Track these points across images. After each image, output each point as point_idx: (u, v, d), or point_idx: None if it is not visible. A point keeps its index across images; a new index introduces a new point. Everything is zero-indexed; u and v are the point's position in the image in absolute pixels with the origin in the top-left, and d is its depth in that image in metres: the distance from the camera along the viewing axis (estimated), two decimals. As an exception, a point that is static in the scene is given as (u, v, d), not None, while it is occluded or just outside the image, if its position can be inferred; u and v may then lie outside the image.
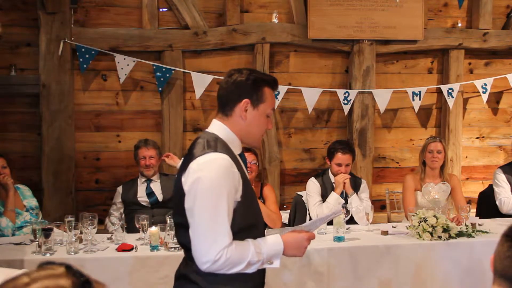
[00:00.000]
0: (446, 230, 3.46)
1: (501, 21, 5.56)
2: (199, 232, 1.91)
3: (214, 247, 1.88)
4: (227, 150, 2.01)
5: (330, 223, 3.78)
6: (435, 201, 4.03)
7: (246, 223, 2.01)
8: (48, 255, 3.15)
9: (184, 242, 2.02)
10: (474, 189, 5.49)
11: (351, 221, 4.00)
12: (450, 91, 5.24)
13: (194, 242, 1.93)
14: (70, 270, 0.97)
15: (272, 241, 2.02)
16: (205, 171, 1.92)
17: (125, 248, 3.28)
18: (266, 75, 2.20)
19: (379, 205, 5.33)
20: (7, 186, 3.87)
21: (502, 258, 1.34)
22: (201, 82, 4.85)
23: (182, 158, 4.60)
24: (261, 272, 2.10)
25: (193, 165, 1.96)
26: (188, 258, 2.02)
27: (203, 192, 1.90)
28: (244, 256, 1.93)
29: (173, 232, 3.28)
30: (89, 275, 1.00)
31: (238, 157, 2.09)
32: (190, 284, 2.01)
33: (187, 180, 1.95)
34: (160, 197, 4.29)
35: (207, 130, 2.11)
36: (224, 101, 2.09)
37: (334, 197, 4.12)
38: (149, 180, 4.34)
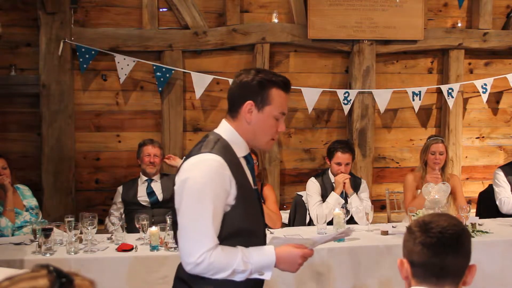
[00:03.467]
0: (446, 230, 3.45)
1: (501, 21, 5.56)
2: (183, 233, 1.90)
3: (197, 249, 1.84)
4: (226, 152, 1.96)
5: (330, 223, 3.79)
6: (435, 201, 4.02)
7: (240, 228, 1.95)
8: (48, 255, 3.15)
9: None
10: (474, 189, 5.49)
11: (351, 221, 4.00)
12: (450, 91, 5.24)
13: (179, 241, 1.92)
14: (51, 271, 0.95)
15: (264, 252, 1.95)
16: (194, 171, 1.90)
17: (125, 248, 3.28)
18: (276, 75, 2.06)
19: (379, 205, 5.33)
20: (5, 187, 3.87)
21: (406, 246, 1.56)
22: (201, 82, 4.85)
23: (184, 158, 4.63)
24: (258, 282, 2.02)
25: (185, 164, 1.96)
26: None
27: (189, 192, 1.88)
28: (229, 262, 1.87)
29: (173, 232, 3.29)
30: (75, 273, 0.98)
31: (242, 160, 2.03)
32: (184, 285, 1.98)
33: (177, 180, 1.95)
34: (160, 197, 4.29)
35: (214, 130, 2.08)
36: (231, 102, 2.05)
37: (334, 197, 4.12)
38: (149, 180, 4.35)
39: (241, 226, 1.95)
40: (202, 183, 1.87)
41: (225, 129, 2.04)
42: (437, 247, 1.48)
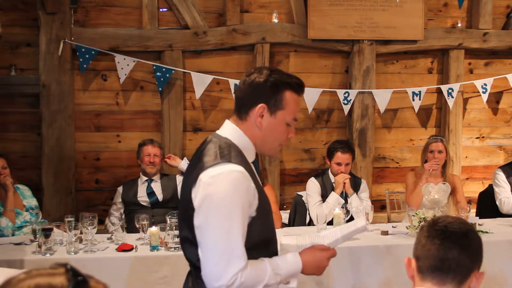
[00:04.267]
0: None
1: (501, 21, 5.56)
2: (211, 254, 1.71)
3: (228, 271, 1.68)
4: (242, 159, 1.80)
5: (330, 223, 3.79)
6: (435, 201, 4.02)
7: (262, 239, 1.84)
8: (48, 255, 3.15)
9: (192, 258, 1.84)
10: (474, 189, 5.49)
11: (351, 221, 3.99)
12: (450, 91, 5.24)
13: (205, 263, 1.72)
14: (69, 270, 0.97)
15: (291, 260, 1.85)
16: (218, 186, 1.71)
17: (125, 248, 3.28)
18: (290, 76, 1.91)
19: (379, 205, 5.33)
20: (6, 187, 3.87)
21: (415, 243, 1.58)
22: (201, 82, 4.85)
23: (185, 159, 4.60)
24: None
25: (204, 177, 1.73)
26: (197, 277, 1.83)
27: (215, 210, 1.70)
28: (260, 278, 1.75)
29: (173, 232, 3.29)
30: (90, 276, 1.00)
31: (252, 166, 1.90)
32: None
33: (197, 195, 1.74)
34: (160, 197, 4.29)
35: (218, 132, 1.90)
36: (240, 103, 1.88)
37: (334, 197, 4.12)
38: (149, 180, 4.35)
39: (263, 236, 1.85)
40: (229, 199, 1.70)
41: (233, 132, 1.87)
42: (440, 239, 1.50)
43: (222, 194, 1.70)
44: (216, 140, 1.85)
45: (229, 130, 1.88)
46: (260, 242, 1.83)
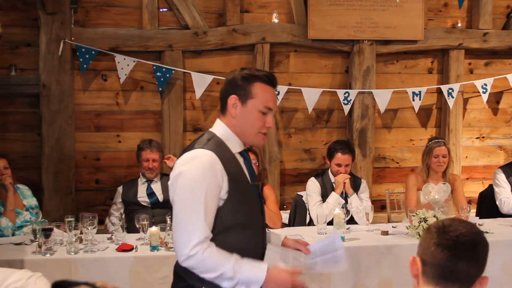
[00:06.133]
0: (446, 230, 3.45)
1: (501, 21, 5.56)
2: (177, 225, 1.94)
3: (190, 241, 1.87)
4: (219, 147, 2.00)
5: (330, 223, 3.79)
6: (435, 201, 4.02)
7: (233, 222, 1.97)
8: (48, 255, 3.15)
9: None
10: (474, 189, 5.49)
11: (351, 221, 4.00)
12: (450, 91, 5.24)
13: (174, 234, 1.96)
14: (90, 284, 1.02)
15: (257, 266, 1.94)
16: (187, 165, 1.94)
17: (125, 248, 3.28)
18: (260, 71, 2.13)
19: (379, 205, 5.33)
20: (6, 187, 3.87)
21: (421, 244, 1.55)
22: (201, 82, 4.85)
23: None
24: None
25: (178, 160, 2.00)
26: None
27: (181, 185, 1.93)
28: (220, 264, 1.88)
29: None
30: (105, 285, 1.04)
31: (238, 156, 2.07)
32: (179, 280, 2.02)
33: (171, 175, 1.99)
34: (160, 197, 4.29)
35: (209, 129, 2.12)
36: (220, 99, 2.11)
37: (334, 197, 4.12)
38: (149, 181, 4.34)
39: (234, 220, 1.97)
40: (195, 177, 1.91)
41: (217, 126, 2.09)
42: (451, 251, 1.47)
43: (189, 173, 1.92)
44: (203, 134, 2.09)
45: (216, 125, 2.11)
46: (234, 226, 1.97)
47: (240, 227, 1.99)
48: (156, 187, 4.33)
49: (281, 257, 2.10)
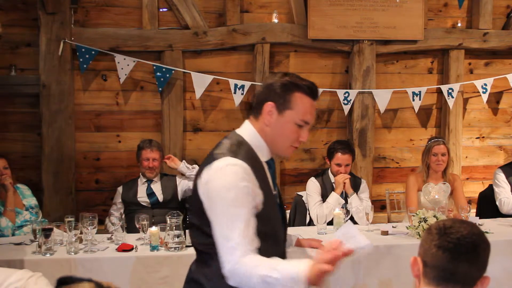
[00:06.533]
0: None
1: (501, 21, 5.56)
2: (219, 241, 1.81)
3: (233, 254, 1.76)
4: (250, 156, 1.89)
5: (330, 223, 3.80)
6: (435, 201, 4.02)
7: (260, 232, 1.85)
8: (48, 255, 3.15)
9: (196, 243, 1.94)
10: (474, 189, 5.49)
11: (351, 221, 4.00)
12: (450, 91, 5.24)
13: (218, 244, 1.82)
14: (95, 281, 1.03)
15: (294, 262, 1.80)
16: (221, 176, 1.82)
17: (125, 248, 3.28)
18: (302, 79, 1.97)
19: (379, 205, 5.33)
20: (6, 186, 3.88)
21: (422, 245, 1.54)
22: (201, 82, 4.85)
23: (184, 162, 4.60)
24: None
25: (209, 169, 1.86)
26: (199, 261, 1.95)
27: (219, 199, 1.80)
28: (258, 266, 1.75)
29: (173, 232, 3.29)
30: (109, 285, 1.06)
31: (264, 164, 1.97)
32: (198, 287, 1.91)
33: (201, 183, 1.86)
34: (160, 197, 4.29)
35: (236, 130, 2.00)
36: (256, 102, 1.98)
37: (334, 197, 4.13)
38: (149, 181, 4.34)
39: (261, 230, 1.86)
40: (232, 189, 1.79)
41: (248, 131, 1.97)
42: (452, 253, 1.46)
43: (225, 185, 1.80)
44: (231, 136, 1.96)
45: (245, 128, 1.99)
46: (259, 236, 1.84)
47: (262, 235, 1.86)
48: (156, 187, 4.33)
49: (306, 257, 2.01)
